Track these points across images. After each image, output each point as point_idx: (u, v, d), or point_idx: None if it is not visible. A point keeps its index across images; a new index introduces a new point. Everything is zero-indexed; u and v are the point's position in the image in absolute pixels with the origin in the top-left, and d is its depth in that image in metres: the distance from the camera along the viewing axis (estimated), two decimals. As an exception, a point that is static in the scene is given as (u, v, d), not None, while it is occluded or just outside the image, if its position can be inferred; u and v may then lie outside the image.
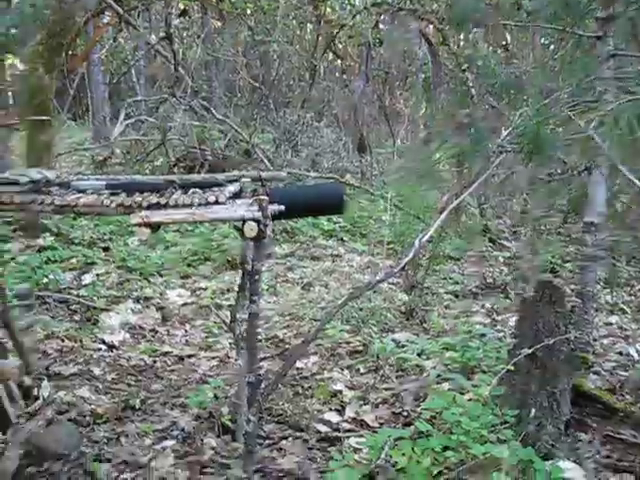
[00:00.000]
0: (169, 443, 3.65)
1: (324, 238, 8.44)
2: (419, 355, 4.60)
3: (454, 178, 6.92)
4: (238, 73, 18.67)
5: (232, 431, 3.65)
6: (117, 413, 4.00)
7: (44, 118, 7.95)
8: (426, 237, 3.69)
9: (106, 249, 7.64)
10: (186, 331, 5.48)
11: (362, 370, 4.55)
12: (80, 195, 3.07)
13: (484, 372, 3.96)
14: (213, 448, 3.56)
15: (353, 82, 15.00)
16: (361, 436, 3.58)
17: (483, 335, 4.73)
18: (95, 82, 17.41)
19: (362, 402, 4.06)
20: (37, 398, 3.86)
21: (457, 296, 6.27)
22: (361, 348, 4.87)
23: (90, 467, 3.32)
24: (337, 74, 18.91)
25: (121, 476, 3.32)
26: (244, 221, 2.64)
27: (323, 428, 3.77)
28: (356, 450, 3.44)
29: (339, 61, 17.32)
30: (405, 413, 3.88)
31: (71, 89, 14.06)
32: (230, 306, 5.66)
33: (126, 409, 4.07)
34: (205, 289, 6.44)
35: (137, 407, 4.08)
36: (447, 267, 7.08)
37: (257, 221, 2.62)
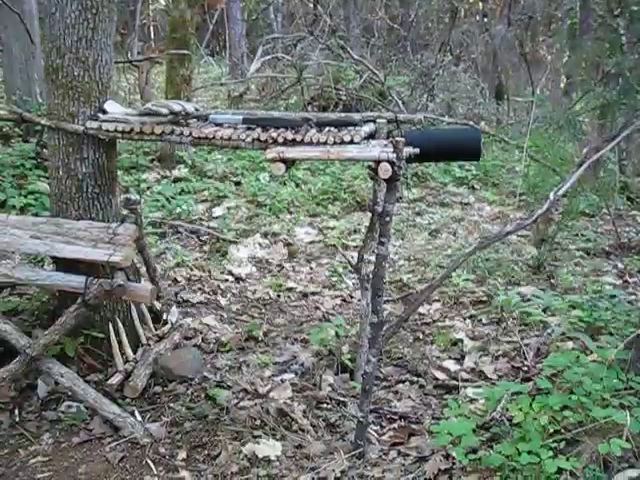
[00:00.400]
0: (288, 376, 3.74)
1: (455, 185, 8.30)
2: (544, 311, 4.47)
3: (595, 131, 6.61)
4: (376, 13, 18.39)
5: (350, 370, 3.70)
6: (240, 343, 4.13)
7: (185, 52, 8.11)
8: (561, 191, 3.56)
9: (238, 183, 7.80)
10: (311, 269, 5.54)
11: (484, 321, 4.49)
12: (217, 128, 3.13)
13: (611, 334, 3.81)
14: (330, 385, 3.62)
15: (494, 26, 14.46)
16: (478, 387, 3.55)
17: (613, 296, 4.54)
18: (233, 18, 17.58)
19: (482, 353, 4.01)
20: (166, 322, 4.05)
21: (588, 254, 6.03)
22: (485, 299, 4.79)
23: (211, 392, 3.46)
24: (478, 17, 18.28)
25: (240, 403, 3.42)
26: (378, 162, 2.62)
27: (441, 375, 3.76)
28: (472, 400, 3.41)
29: (480, 4, 16.71)
30: (525, 368, 3.80)
31: (210, 24, 14.29)
32: (356, 247, 5.68)
33: (249, 340, 4.19)
34: (333, 228, 6.48)
35: (259, 339, 4.20)
36: (580, 223, 6.81)
37: (391, 162, 2.58)
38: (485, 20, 16.54)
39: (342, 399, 3.46)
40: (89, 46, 3.36)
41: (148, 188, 7.21)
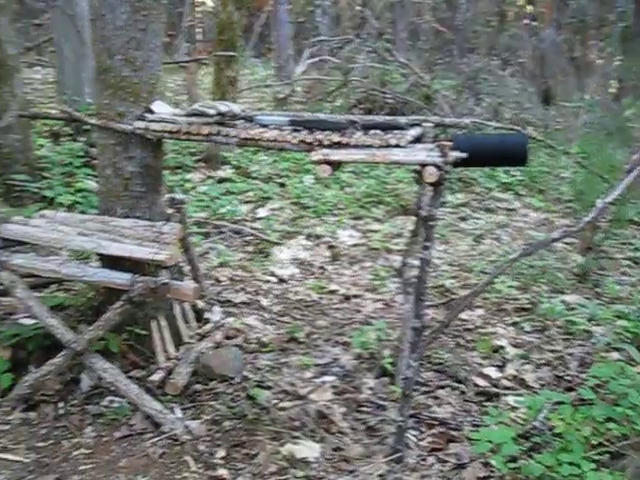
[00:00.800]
0: (328, 378, 3.74)
1: (500, 190, 8.21)
2: (589, 320, 4.41)
3: (646, 137, 6.49)
4: (423, 16, 18.34)
5: (391, 374, 3.69)
6: (281, 344, 4.15)
7: (231, 54, 8.18)
8: (610, 198, 3.51)
9: (282, 185, 7.83)
10: (354, 271, 5.53)
11: (527, 329, 4.44)
12: (263, 130, 3.16)
13: (658, 346, 3.75)
14: (371, 388, 3.61)
15: (543, 30, 14.32)
16: (520, 395, 3.52)
17: (660, 307, 4.46)
18: (280, 20, 17.66)
19: (524, 361, 3.97)
20: (208, 321, 4.08)
21: (637, 263, 5.92)
22: (528, 306, 4.74)
23: (252, 392, 3.48)
24: (526, 20, 18.10)
25: (280, 404, 3.44)
26: (424, 166, 2.61)
27: (481, 382, 3.72)
28: (513, 408, 3.38)
29: (529, 7, 16.55)
30: (568, 378, 3.75)
31: (257, 26, 14.38)
32: (399, 251, 5.66)
33: (290, 341, 4.20)
34: (376, 232, 6.47)
35: (301, 340, 4.21)
36: (628, 232, 6.69)
37: (437, 167, 2.57)
38: (534, 23, 16.37)
39: (382, 403, 3.45)
40: (138, 47, 3.41)
41: (193, 188, 7.28)
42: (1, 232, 3.34)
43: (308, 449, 3.02)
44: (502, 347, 4.11)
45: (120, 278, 3.14)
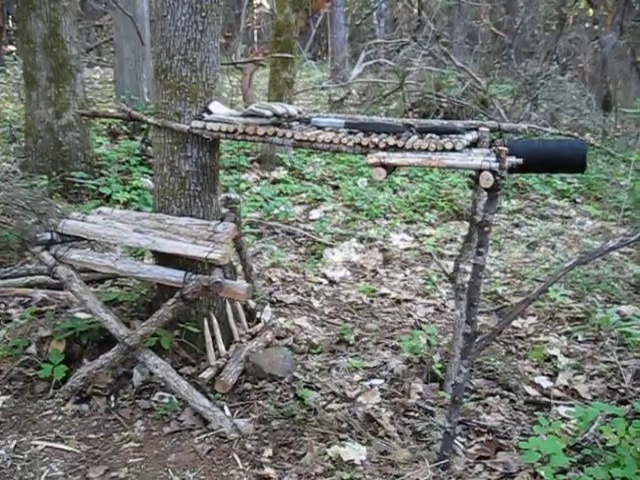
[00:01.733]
0: (377, 382, 3.73)
1: (556, 197, 8.09)
2: (645, 332, 4.32)
3: None
4: (481, 19, 18.17)
5: (440, 380, 3.66)
6: (331, 346, 4.15)
7: (288, 56, 8.22)
8: (671, 207, 3.42)
9: (335, 187, 7.85)
10: (405, 275, 5.52)
11: (580, 338, 4.35)
12: (319, 131, 3.17)
13: None
14: (419, 393, 3.59)
15: (605, 33, 14.03)
16: (571, 406, 3.45)
17: None
18: (337, 23, 17.72)
19: (576, 371, 3.89)
20: (259, 321, 4.11)
21: (697, 274, 5.78)
22: (582, 315, 4.65)
23: (300, 392, 3.49)
24: (587, 24, 17.78)
25: (328, 405, 3.43)
26: (480, 171, 2.58)
27: (532, 391, 3.67)
28: (564, 419, 3.32)
29: (591, 10, 16.24)
30: (622, 390, 3.67)
31: (314, 29, 14.43)
32: (452, 256, 5.63)
33: (340, 343, 4.20)
34: (429, 236, 6.43)
35: (351, 343, 4.20)
36: (688, 242, 6.54)
37: (493, 172, 2.54)
38: (595, 27, 16.06)
39: (430, 408, 3.42)
40: (197, 48, 3.45)
41: (247, 188, 7.34)
42: (60, 228, 3.41)
43: (355, 451, 3.01)
44: (554, 356, 4.05)
45: (174, 275, 3.18)
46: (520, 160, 2.70)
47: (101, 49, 20.40)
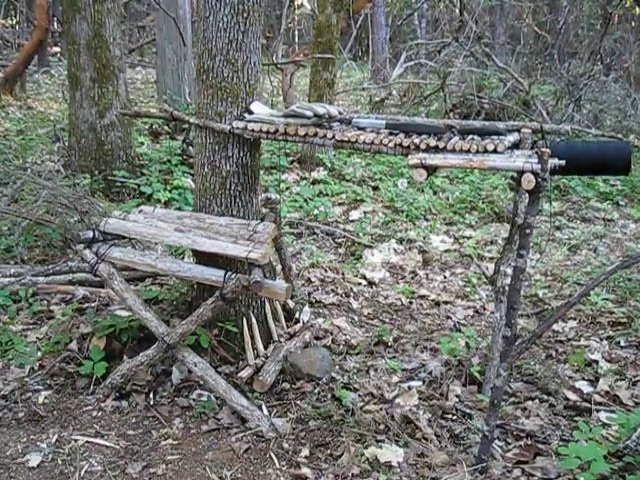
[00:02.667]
0: (415, 384, 3.71)
1: (598, 200, 7.98)
2: (689, 338, 4.24)
3: None
4: (523, 19, 18.00)
5: (479, 382, 3.63)
6: (369, 347, 4.14)
7: (329, 56, 8.23)
8: None
9: (375, 188, 7.83)
10: (445, 277, 5.49)
11: (622, 343, 4.28)
12: (360, 132, 3.16)
13: None
14: (457, 396, 3.56)
15: (652, 33, 13.80)
16: (612, 412, 3.40)
17: None
18: (378, 23, 17.69)
19: (618, 377, 3.83)
20: (298, 321, 4.12)
21: None
22: (624, 320, 4.58)
23: (338, 393, 3.49)
24: (633, 23, 17.48)
25: (366, 406, 3.42)
26: (522, 172, 2.56)
27: (572, 396, 3.62)
28: (605, 425, 3.27)
29: (638, 9, 15.96)
30: (666, 397, 3.61)
31: (355, 29, 14.42)
32: (492, 258, 5.58)
33: (378, 344, 4.19)
34: (469, 238, 6.39)
35: (389, 344, 4.19)
36: None
37: (535, 174, 2.52)
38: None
39: (468, 411, 3.40)
40: (239, 48, 3.47)
41: (287, 188, 7.37)
42: (102, 226, 3.45)
43: (392, 453, 3.00)
44: (595, 361, 3.99)
45: (214, 275, 3.20)
46: (562, 162, 2.67)
47: (143, 50, 20.65)
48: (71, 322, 3.92)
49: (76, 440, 3.07)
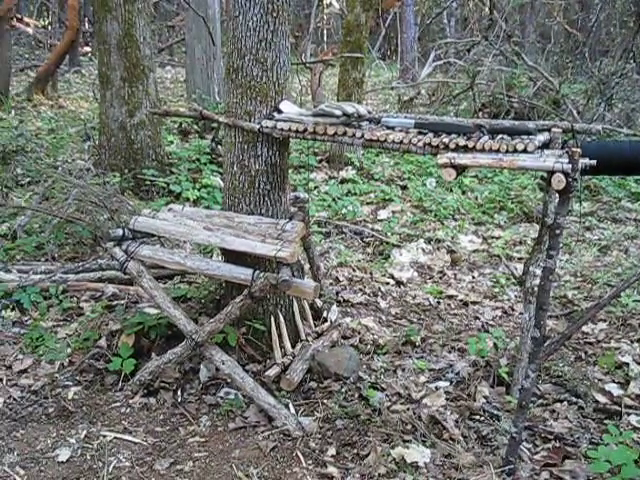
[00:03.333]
0: (443, 384, 3.69)
1: (629, 200, 7.88)
2: None
3: None
4: (554, 17, 17.83)
5: (507, 384, 3.61)
6: (397, 347, 4.13)
7: (358, 55, 8.22)
8: None
9: (404, 187, 7.81)
10: (473, 277, 5.46)
11: (654, 346, 4.24)
12: (389, 131, 3.15)
13: None
14: (485, 397, 3.54)
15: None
16: (643, 415, 3.36)
17: None
18: (407, 22, 17.64)
19: (649, 380, 3.79)
20: (325, 320, 4.12)
21: None
22: (657, 322, 4.53)
23: (365, 393, 3.48)
24: (668, 20, 17.23)
25: (393, 406, 3.42)
26: (552, 172, 2.53)
27: (602, 399, 3.58)
28: (635, 429, 3.24)
29: (672, 5, 15.73)
30: (698, 402, 3.56)
31: (383, 28, 14.40)
32: (521, 259, 5.54)
33: (406, 344, 4.18)
34: (498, 238, 6.35)
35: (417, 344, 4.18)
36: None
37: (566, 174, 2.49)
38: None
39: (496, 412, 3.38)
40: (268, 48, 3.48)
41: (316, 187, 7.38)
42: (131, 224, 3.48)
43: (418, 453, 2.99)
44: (626, 364, 3.94)
45: (242, 273, 3.21)
46: (593, 162, 2.64)
47: (173, 49, 20.79)
48: (100, 319, 3.97)
49: (104, 436, 3.10)
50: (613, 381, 3.78)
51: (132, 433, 3.14)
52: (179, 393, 3.47)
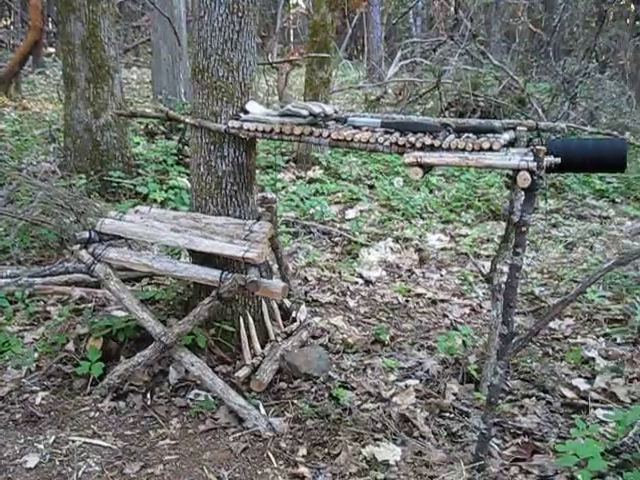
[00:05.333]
0: (412, 382, 3.71)
1: (594, 197, 7.99)
2: (686, 334, 4.24)
3: None
4: (518, 17, 18.01)
5: (476, 381, 3.64)
6: (366, 345, 4.14)
7: (324, 55, 8.23)
8: None
9: (371, 187, 7.84)
10: (441, 276, 5.49)
11: (619, 341, 4.29)
12: (356, 131, 3.17)
13: None
14: (455, 394, 3.56)
15: (647, 29, 13.80)
16: (609, 409, 3.40)
17: None
18: (373, 22, 17.72)
19: (615, 374, 3.83)
20: (294, 320, 4.12)
21: None
22: (621, 317, 4.58)
23: (335, 392, 3.49)
24: (628, 21, 17.48)
25: (363, 405, 3.43)
26: (518, 170, 2.56)
27: (569, 393, 3.62)
28: (602, 423, 3.28)
29: (632, 6, 15.96)
30: (662, 395, 3.62)
31: (350, 28, 14.44)
32: (488, 256, 5.58)
33: (375, 343, 4.19)
34: (465, 236, 6.40)
35: (386, 343, 4.19)
36: None
37: (531, 172, 2.52)
38: (636, 23, 15.80)
39: (466, 409, 3.40)
40: (234, 48, 3.46)
41: (283, 188, 7.37)
42: (98, 226, 3.45)
43: (389, 452, 3.01)
44: (592, 359, 4.00)
45: (210, 274, 3.20)
46: (558, 159, 2.68)
47: (139, 50, 20.64)
48: (68, 323, 3.92)
49: (73, 441, 3.07)
50: (580, 376, 3.83)
51: (101, 437, 3.11)
52: (148, 396, 3.45)
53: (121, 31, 18.51)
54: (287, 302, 4.20)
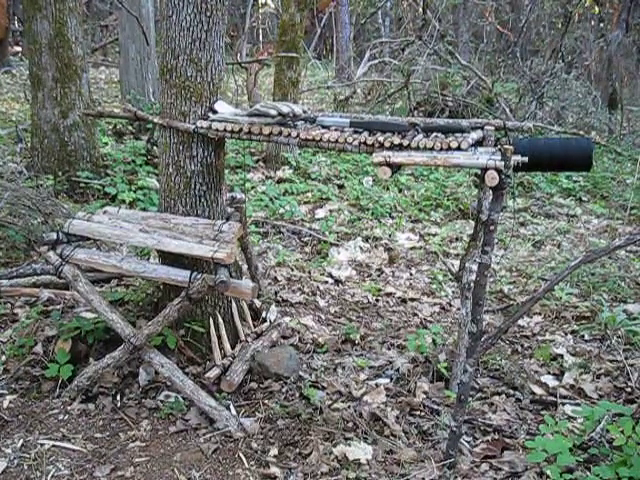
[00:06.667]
0: (383, 381, 3.73)
1: (561, 196, 8.08)
2: (652, 330, 4.30)
3: None
4: (486, 18, 18.14)
5: (446, 379, 3.66)
6: (337, 345, 4.15)
7: (293, 55, 8.23)
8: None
9: (341, 186, 7.85)
10: (411, 274, 5.52)
11: (587, 337, 4.35)
12: (324, 131, 3.17)
13: None
14: (425, 392, 3.59)
15: (610, 32, 13.99)
16: (578, 405, 3.44)
17: None
18: (342, 22, 17.73)
19: (583, 370, 3.88)
20: (265, 320, 4.11)
21: None
22: (588, 314, 4.64)
23: (306, 392, 3.49)
24: (593, 22, 17.71)
25: (334, 405, 3.43)
26: (486, 169, 2.58)
27: (538, 390, 3.67)
28: (570, 418, 3.32)
29: (597, 8, 16.17)
30: (629, 389, 3.66)
31: (318, 28, 14.47)
32: (458, 255, 5.62)
33: (345, 342, 4.20)
34: (434, 235, 6.44)
35: (356, 342, 4.21)
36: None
37: (499, 171, 2.54)
38: (601, 25, 16.01)
39: (436, 407, 3.42)
40: (202, 48, 3.45)
41: (253, 188, 7.35)
42: (65, 227, 3.42)
43: (360, 451, 3.01)
44: (560, 355, 4.04)
45: (179, 275, 3.18)
46: (525, 158, 2.70)
47: (106, 49, 20.44)
48: (36, 325, 3.87)
49: (42, 444, 3.03)
50: (549, 373, 3.88)
51: (71, 440, 3.08)
52: (118, 398, 3.42)
53: (89, 30, 18.32)
54: (257, 302, 4.19)
